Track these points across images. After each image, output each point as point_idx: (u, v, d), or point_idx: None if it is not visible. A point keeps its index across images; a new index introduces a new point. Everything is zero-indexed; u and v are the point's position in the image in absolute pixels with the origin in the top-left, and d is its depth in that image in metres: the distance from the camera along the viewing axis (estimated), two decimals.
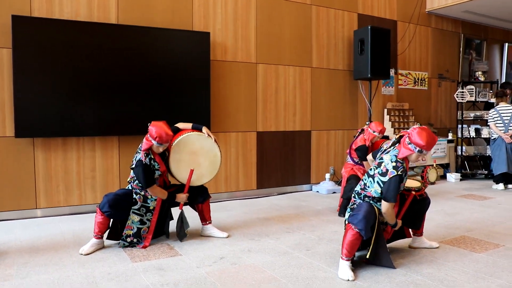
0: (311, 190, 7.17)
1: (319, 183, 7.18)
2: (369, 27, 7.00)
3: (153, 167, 3.97)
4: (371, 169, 3.58)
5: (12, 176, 5.13)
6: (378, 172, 3.46)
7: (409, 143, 3.39)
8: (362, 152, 5.29)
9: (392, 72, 8.03)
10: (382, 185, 3.40)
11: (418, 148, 3.35)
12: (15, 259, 3.70)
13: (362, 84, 7.66)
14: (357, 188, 3.65)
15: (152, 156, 3.98)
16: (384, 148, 3.63)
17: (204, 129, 4.33)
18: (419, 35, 8.54)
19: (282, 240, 4.30)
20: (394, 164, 3.39)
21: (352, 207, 3.58)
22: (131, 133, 5.66)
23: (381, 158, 3.52)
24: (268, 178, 6.82)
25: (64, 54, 5.21)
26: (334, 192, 6.87)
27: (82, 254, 3.82)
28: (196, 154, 4.24)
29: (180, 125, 4.36)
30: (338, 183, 7.19)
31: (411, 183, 3.84)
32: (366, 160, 5.20)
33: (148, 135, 3.93)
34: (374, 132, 5.35)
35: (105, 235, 4.04)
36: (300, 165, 7.14)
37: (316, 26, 7.18)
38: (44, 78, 5.12)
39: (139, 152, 3.97)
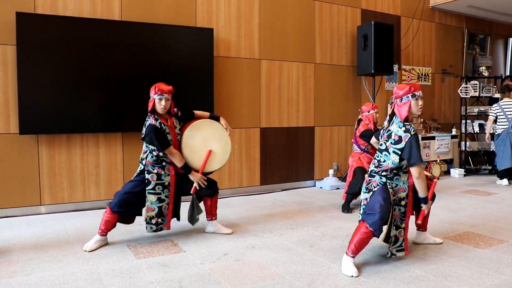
0: (315, 186, 7.17)
1: (322, 179, 7.17)
2: (372, 23, 6.98)
3: (164, 130, 3.98)
4: (381, 144, 3.53)
5: (16, 172, 5.15)
6: (391, 142, 3.42)
7: (401, 100, 3.44)
8: (369, 136, 5.19)
9: (395, 67, 8.01)
10: (400, 153, 3.36)
11: (410, 94, 3.41)
12: (19, 256, 3.72)
13: (366, 80, 7.64)
14: (371, 167, 3.59)
15: (161, 121, 4.00)
16: (385, 125, 3.63)
17: (222, 120, 4.38)
18: (423, 30, 8.51)
19: (286, 236, 4.30)
20: (403, 128, 3.39)
21: (367, 187, 3.51)
22: (135, 129, 5.66)
23: (388, 130, 3.50)
24: (272, 174, 6.83)
25: (68, 51, 5.21)
26: (337, 188, 6.87)
27: (86, 251, 3.83)
28: (208, 140, 4.25)
29: (197, 112, 4.35)
30: (342, 179, 7.19)
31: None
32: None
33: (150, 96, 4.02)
34: (369, 112, 5.40)
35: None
36: (304, 161, 7.14)
37: (320, 22, 7.16)
38: (48, 75, 5.13)
39: (147, 120, 4.01)
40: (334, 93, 7.37)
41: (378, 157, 3.55)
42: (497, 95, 8.32)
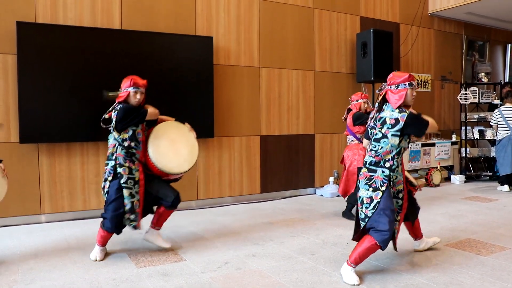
0: (315, 193, 7.16)
1: (323, 186, 7.17)
2: (371, 30, 7.01)
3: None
4: (376, 134, 3.43)
5: (16, 181, 5.15)
6: (388, 127, 3.35)
7: (397, 86, 3.38)
8: (360, 118, 5.21)
9: None
10: (399, 133, 3.31)
11: (408, 83, 3.36)
12: (19, 265, 3.71)
13: (365, 87, 7.65)
14: (368, 159, 3.45)
15: None
16: (374, 115, 3.53)
17: (186, 124, 4.25)
18: (422, 37, 8.54)
19: (287, 244, 4.29)
20: (398, 110, 3.35)
21: (371, 184, 3.36)
22: None
23: (381, 118, 3.42)
24: (272, 182, 6.82)
25: (68, 60, 5.23)
26: (338, 196, 6.85)
27: (97, 261, 3.81)
28: (174, 141, 4.11)
29: (161, 116, 4.24)
30: None
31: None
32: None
33: (121, 88, 3.91)
34: (358, 100, 5.37)
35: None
36: (304, 169, 7.13)
37: (319, 30, 7.19)
38: (48, 84, 5.14)
39: (115, 108, 3.93)
40: (334, 100, 7.38)
41: (375, 147, 3.42)
42: (497, 101, 8.33)
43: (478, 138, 8.45)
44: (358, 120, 5.23)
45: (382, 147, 3.38)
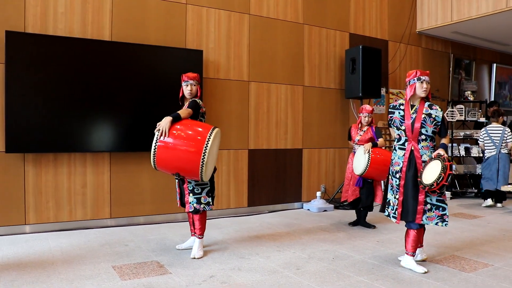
0: (302, 208, 7.17)
1: (310, 201, 7.18)
2: (360, 47, 7.10)
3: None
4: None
5: (1, 191, 5.10)
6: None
7: (408, 83, 3.93)
8: (348, 133, 5.98)
9: (383, 91, 8.11)
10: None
11: (416, 78, 3.87)
12: (2, 276, 3.66)
13: (354, 103, 7.72)
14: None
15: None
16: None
17: None
18: (410, 55, 8.66)
19: (272, 258, 4.29)
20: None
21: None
22: (122, 149, 5.66)
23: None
24: (259, 195, 6.82)
25: (57, 70, 5.22)
26: (325, 210, 6.88)
27: (196, 258, 4.19)
28: (215, 150, 4.19)
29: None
30: (330, 201, 7.22)
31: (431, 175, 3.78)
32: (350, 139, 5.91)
33: None
34: (359, 114, 5.72)
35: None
36: (291, 183, 7.15)
37: (308, 45, 7.26)
38: (36, 94, 5.12)
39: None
40: (322, 115, 7.43)
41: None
42: (482, 119, 8.46)
43: (464, 155, 8.56)
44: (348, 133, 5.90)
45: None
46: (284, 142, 7.04)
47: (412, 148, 3.94)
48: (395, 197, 3.99)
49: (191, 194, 4.24)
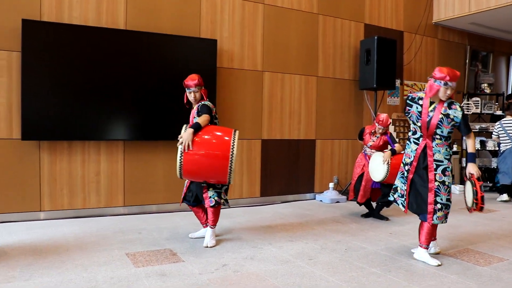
0: (315, 199, 7.16)
1: (322, 192, 7.17)
2: (375, 37, 7.03)
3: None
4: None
5: (17, 178, 5.16)
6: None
7: (435, 81, 3.68)
8: (359, 133, 5.89)
9: (397, 82, 8.04)
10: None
11: (443, 82, 3.65)
12: (18, 261, 3.71)
13: (368, 94, 7.67)
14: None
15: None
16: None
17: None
18: (425, 46, 8.56)
19: (285, 248, 4.29)
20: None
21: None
22: (136, 138, 5.69)
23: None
24: (272, 186, 6.82)
25: (72, 59, 5.25)
26: (337, 202, 6.86)
27: (208, 247, 4.21)
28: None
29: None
30: (342, 192, 7.20)
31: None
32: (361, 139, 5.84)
33: None
34: (375, 122, 5.61)
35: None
36: (304, 174, 7.14)
37: (323, 35, 7.21)
38: (51, 82, 5.16)
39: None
40: (336, 106, 7.39)
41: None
42: (499, 112, 8.34)
43: (480, 148, 8.46)
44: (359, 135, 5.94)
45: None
46: (297, 132, 7.02)
47: (425, 145, 3.91)
48: (403, 185, 4.04)
49: (211, 189, 4.25)
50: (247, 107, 6.53)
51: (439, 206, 3.84)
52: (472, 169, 3.82)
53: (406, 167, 4.01)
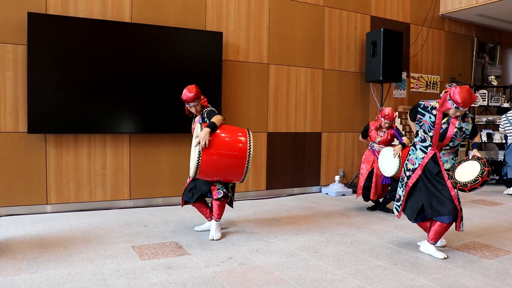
0: (320, 192, 7.15)
1: (328, 185, 7.16)
2: (381, 30, 6.98)
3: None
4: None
5: (23, 171, 5.19)
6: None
7: (449, 99, 3.66)
8: (363, 131, 5.80)
9: (404, 75, 7.99)
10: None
11: (455, 105, 3.63)
12: (25, 254, 3.73)
13: (374, 87, 7.63)
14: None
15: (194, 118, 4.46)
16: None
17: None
18: (432, 38, 8.49)
19: (291, 241, 4.29)
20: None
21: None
22: (142, 131, 5.69)
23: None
24: (278, 179, 6.82)
25: (78, 52, 5.25)
26: (343, 195, 6.85)
27: (214, 239, 4.21)
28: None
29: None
30: (348, 185, 7.18)
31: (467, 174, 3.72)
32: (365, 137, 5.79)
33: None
34: (380, 117, 5.56)
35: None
36: (310, 167, 7.13)
37: (329, 28, 7.17)
38: (57, 75, 5.17)
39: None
40: (342, 99, 7.36)
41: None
42: (506, 105, 8.28)
43: (486, 141, 8.41)
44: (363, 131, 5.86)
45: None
46: (303, 125, 7.00)
47: (434, 154, 3.88)
48: (400, 190, 4.08)
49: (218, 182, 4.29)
50: (252, 100, 6.52)
51: (462, 213, 3.84)
52: (477, 152, 3.85)
53: (408, 173, 3.98)
